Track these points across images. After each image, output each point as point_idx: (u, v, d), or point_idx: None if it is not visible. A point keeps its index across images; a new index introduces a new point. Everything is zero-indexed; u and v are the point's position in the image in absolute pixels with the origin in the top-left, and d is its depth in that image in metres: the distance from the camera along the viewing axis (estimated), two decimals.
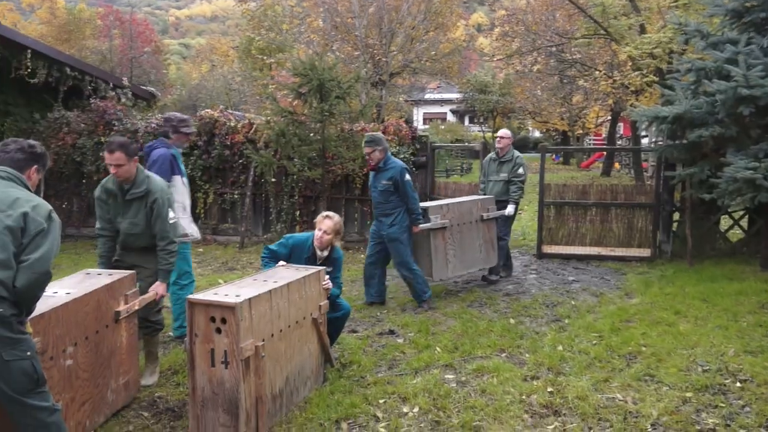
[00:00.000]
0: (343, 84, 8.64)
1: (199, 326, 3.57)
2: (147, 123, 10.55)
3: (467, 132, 43.43)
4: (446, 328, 5.62)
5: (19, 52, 9.88)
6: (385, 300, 6.52)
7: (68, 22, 29.93)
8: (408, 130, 9.78)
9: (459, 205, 6.82)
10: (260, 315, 3.62)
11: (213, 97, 25.18)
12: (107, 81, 11.67)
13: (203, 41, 59.10)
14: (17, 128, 10.90)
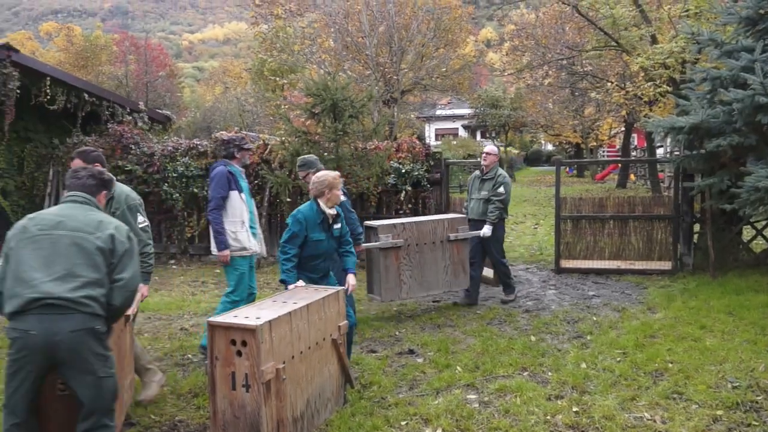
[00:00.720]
0: (356, 103, 8.66)
1: (220, 349, 3.54)
2: (163, 146, 10.63)
3: (479, 147, 43.40)
4: (466, 347, 5.54)
5: (39, 80, 10.04)
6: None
7: (85, 48, 30.47)
8: (422, 147, 9.77)
9: (419, 225, 6.55)
10: (280, 337, 3.59)
11: (227, 119, 25.40)
12: (124, 106, 11.82)
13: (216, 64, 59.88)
14: (37, 154, 11.05)
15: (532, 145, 54.41)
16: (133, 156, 10.52)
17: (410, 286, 6.55)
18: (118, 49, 32.74)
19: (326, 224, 4.57)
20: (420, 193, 9.64)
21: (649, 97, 14.07)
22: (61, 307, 2.83)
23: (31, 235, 2.96)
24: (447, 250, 6.77)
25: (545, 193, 24.04)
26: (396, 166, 9.52)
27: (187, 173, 10.22)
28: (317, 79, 9.12)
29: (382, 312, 6.87)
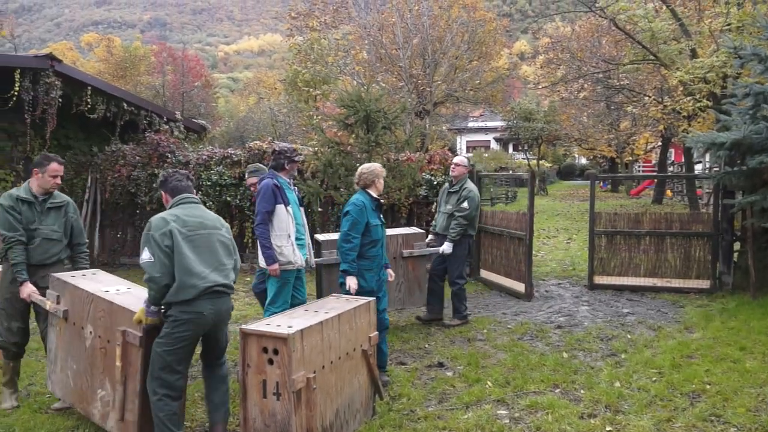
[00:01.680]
0: (389, 114, 8.72)
1: (252, 357, 3.59)
2: (198, 155, 10.85)
3: (511, 160, 43.17)
4: (496, 362, 5.50)
5: (80, 89, 10.36)
6: None
7: (124, 59, 31.32)
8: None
9: (391, 237, 6.22)
10: (312, 346, 3.62)
11: (260, 129, 25.78)
12: (161, 115, 12.12)
13: (250, 75, 60.88)
14: (77, 161, 11.38)
15: (565, 159, 53.88)
16: (168, 164, 10.75)
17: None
18: (156, 59, 33.57)
19: (380, 210, 4.88)
20: None
21: (688, 112, 13.82)
22: (222, 292, 3.72)
23: (185, 236, 3.62)
24: (401, 267, 6.46)
25: (578, 207, 23.74)
26: (428, 177, 9.53)
27: (220, 182, 10.40)
28: (351, 90, 9.22)
29: (412, 323, 6.86)
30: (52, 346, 4.38)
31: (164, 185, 3.93)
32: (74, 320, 4.19)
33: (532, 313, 7.42)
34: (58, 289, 4.34)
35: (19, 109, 9.57)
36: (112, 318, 3.86)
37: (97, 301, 3.99)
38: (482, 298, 8.36)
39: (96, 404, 3.96)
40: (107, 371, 3.88)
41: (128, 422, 3.73)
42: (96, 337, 3.99)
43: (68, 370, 4.22)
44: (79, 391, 4.12)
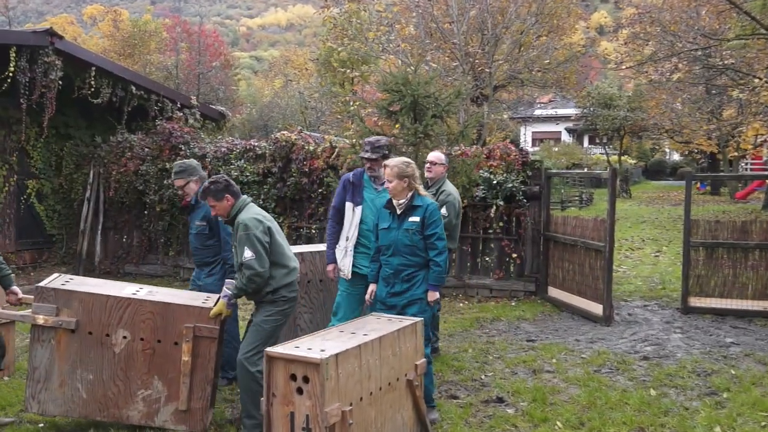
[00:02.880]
0: (441, 101, 8.70)
1: (278, 384, 3.65)
2: (216, 147, 11.07)
3: (586, 155, 42.58)
4: (568, 398, 5.44)
5: (83, 70, 10.70)
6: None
7: (132, 35, 32.16)
8: (518, 154, 9.70)
9: (323, 256, 5.95)
10: (348, 374, 3.65)
11: (286, 117, 26.10)
12: (174, 100, 12.41)
13: (277, 53, 61.77)
14: (77, 153, 11.76)
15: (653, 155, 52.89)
16: (182, 158, 10.98)
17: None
18: (168, 35, 34.35)
19: (396, 214, 4.96)
20: (514, 209, 9.55)
21: None
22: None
23: (276, 230, 4.72)
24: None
25: (669, 213, 23.27)
26: (486, 176, 9.49)
27: (241, 179, 10.57)
28: (395, 71, 9.26)
29: (465, 350, 6.84)
30: (41, 362, 4.61)
31: (229, 189, 4.78)
32: (90, 329, 4.60)
33: (612, 340, 7.31)
34: (56, 301, 4.52)
35: (14, 92, 9.93)
36: (167, 318, 4.65)
37: (139, 305, 4.63)
38: (551, 321, 8.28)
39: (135, 406, 4.66)
40: (154, 370, 4.65)
41: (195, 410, 4.67)
42: (135, 341, 4.64)
43: (78, 383, 4.61)
44: (102, 400, 4.65)
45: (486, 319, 8.29)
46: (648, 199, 30.86)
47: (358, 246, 5.54)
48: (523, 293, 9.53)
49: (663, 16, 19.62)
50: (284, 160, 10.61)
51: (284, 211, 10.72)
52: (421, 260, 4.86)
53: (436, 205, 4.91)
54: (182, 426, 4.69)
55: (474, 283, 9.72)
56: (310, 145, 10.58)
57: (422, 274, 4.87)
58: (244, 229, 4.55)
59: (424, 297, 4.84)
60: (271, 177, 10.62)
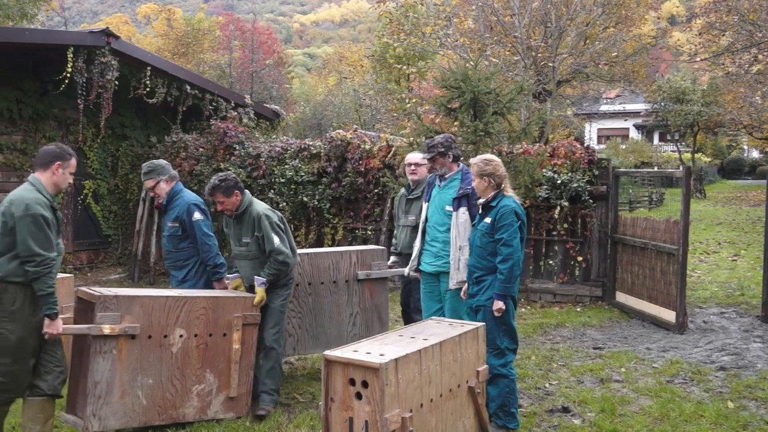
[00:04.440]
0: (503, 97, 8.66)
1: (336, 389, 3.69)
2: (271, 146, 11.25)
3: (656, 153, 41.65)
4: (638, 409, 5.37)
5: (139, 70, 11.03)
6: None
7: (186, 33, 32.89)
8: (583, 152, 9.57)
9: (313, 258, 6.04)
10: (408, 380, 3.67)
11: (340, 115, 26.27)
12: (228, 99, 12.66)
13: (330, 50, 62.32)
14: (133, 153, 12.13)
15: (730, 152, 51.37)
16: (236, 158, 11.22)
17: (299, 340, 5.99)
18: (222, 33, 35.01)
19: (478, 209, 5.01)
20: (579, 210, 9.43)
21: None
22: None
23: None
24: (355, 294, 6.24)
25: (747, 214, 22.59)
26: (550, 175, 9.39)
27: (296, 178, 10.73)
28: (454, 67, 9.24)
29: (528, 357, 6.79)
30: (102, 376, 4.59)
31: (238, 186, 5.24)
32: (150, 333, 4.75)
33: (686, 349, 7.17)
34: (119, 308, 4.61)
35: (72, 93, 10.31)
36: (218, 311, 5.03)
37: (194, 302, 4.94)
38: (619, 328, 8.16)
39: (191, 402, 4.93)
40: (207, 364, 4.99)
41: (241, 396, 5.12)
42: (190, 338, 4.93)
43: (139, 390, 4.73)
44: (161, 403, 4.82)
45: (549, 325, 8.21)
46: (724, 200, 29.99)
47: (425, 243, 5.67)
48: (588, 298, 9.39)
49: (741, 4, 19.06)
50: (339, 160, 10.71)
51: (339, 212, 10.82)
52: (490, 265, 4.80)
53: (509, 208, 4.78)
54: (230, 413, 5.11)
55: (536, 287, 9.63)
56: (366, 144, 10.66)
57: (490, 279, 4.79)
58: (267, 219, 5.16)
59: (489, 305, 4.76)
60: (326, 177, 10.73)
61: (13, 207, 4.15)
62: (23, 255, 4.10)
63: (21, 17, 19.71)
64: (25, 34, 10.21)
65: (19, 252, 4.11)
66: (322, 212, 10.76)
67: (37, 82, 10.75)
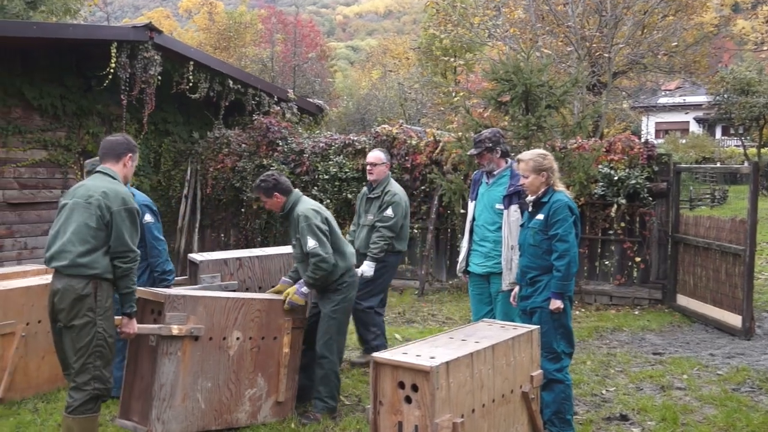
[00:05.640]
0: (557, 90, 8.58)
1: (385, 392, 3.70)
2: (314, 142, 11.32)
3: (719, 147, 40.71)
4: (702, 419, 5.26)
5: (181, 65, 11.19)
6: None
7: (228, 27, 33.33)
8: (642, 147, 9.41)
9: (263, 260, 5.90)
10: (459, 384, 3.66)
11: (384, 109, 26.30)
12: (271, 94, 12.77)
13: (374, 42, 62.37)
14: (175, 149, 12.32)
15: None
16: (279, 154, 11.32)
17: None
18: (264, 26, 35.37)
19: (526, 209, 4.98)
20: (637, 208, 9.28)
21: None
22: None
23: (331, 219, 5.32)
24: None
25: None
26: (606, 171, 9.25)
27: (340, 175, 10.78)
28: (505, 59, 9.19)
29: (583, 362, 6.71)
30: (168, 378, 4.61)
31: (277, 188, 5.26)
32: (211, 335, 4.79)
33: (753, 356, 7.01)
34: (185, 308, 4.64)
35: (114, 89, 10.52)
36: (270, 315, 5.09)
37: (250, 304, 5.00)
38: (680, 332, 8.02)
39: (244, 407, 5.00)
40: (259, 368, 5.05)
41: (287, 400, 5.22)
42: (245, 340, 4.98)
43: (198, 393, 4.75)
44: (217, 407, 4.88)
45: (606, 329, 8.10)
46: None
47: (473, 243, 5.64)
48: (647, 301, 9.23)
49: None
50: None
51: None
52: (545, 264, 4.72)
53: (563, 202, 4.71)
54: (278, 417, 5.20)
55: (591, 289, 9.49)
56: (412, 140, 10.65)
57: (546, 279, 4.72)
58: (305, 220, 5.12)
59: (546, 306, 4.69)
60: None
61: (109, 200, 4.15)
62: (117, 250, 4.13)
63: (64, 13, 20.19)
64: (69, 29, 10.45)
65: (113, 247, 4.13)
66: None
67: (81, 78, 10.99)
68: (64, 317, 4.07)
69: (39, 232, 10.08)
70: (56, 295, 4.09)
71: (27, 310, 5.48)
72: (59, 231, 4.18)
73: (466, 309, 8.58)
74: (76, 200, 4.18)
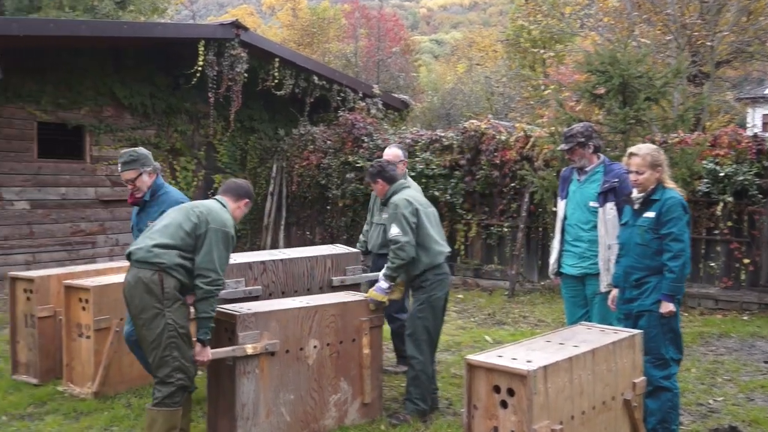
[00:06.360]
0: (656, 81, 8.33)
1: (480, 396, 3.66)
2: (400, 138, 11.33)
3: None
4: None
5: (267, 62, 11.44)
6: None
7: (311, 23, 33.83)
8: (751, 141, 9.01)
9: (287, 264, 5.71)
10: (558, 389, 3.59)
11: (470, 104, 26.15)
12: (356, 90, 12.89)
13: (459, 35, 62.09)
14: (261, 146, 12.60)
15: None
16: (365, 150, 11.39)
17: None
18: (347, 22, 35.75)
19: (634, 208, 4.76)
20: (746, 207, 8.90)
21: None
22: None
23: (424, 212, 5.29)
24: None
25: None
26: (711, 167, 8.91)
27: (427, 172, 10.77)
28: (601, 50, 8.98)
29: (687, 369, 6.47)
30: (249, 396, 4.64)
31: (381, 174, 5.47)
32: (287, 347, 4.78)
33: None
34: (257, 325, 4.64)
35: (202, 86, 10.83)
36: (345, 317, 5.09)
37: (324, 310, 4.98)
38: None
39: (330, 413, 5.05)
40: (340, 372, 5.08)
41: (373, 401, 5.24)
42: (323, 347, 4.99)
43: (282, 407, 4.79)
44: (302, 418, 4.91)
45: (711, 335, 7.80)
46: None
47: (565, 243, 5.50)
48: (757, 306, 8.83)
49: None
50: (473, 152, 10.64)
51: (473, 207, 10.76)
52: (655, 264, 4.54)
53: (676, 200, 4.55)
54: (366, 419, 5.22)
55: (695, 292, 9.15)
56: (501, 135, 10.53)
57: (654, 281, 4.53)
58: (394, 208, 5.24)
59: (655, 309, 4.51)
60: (459, 170, 10.70)
61: (211, 217, 4.29)
62: (202, 267, 4.20)
63: (152, 12, 20.92)
64: (159, 28, 10.86)
65: (198, 263, 4.21)
66: (455, 207, 10.73)
67: (169, 77, 11.37)
68: (134, 310, 4.20)
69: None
70: (126, 288, 4.23)
71: (121, 306, 5.62)
72: (150, 227, 4.39)
73: (559, 311, 8.44)
74: (187, 206, 4.40)
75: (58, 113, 10.23)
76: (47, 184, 10.18)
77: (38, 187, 10.09)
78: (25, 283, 6.13)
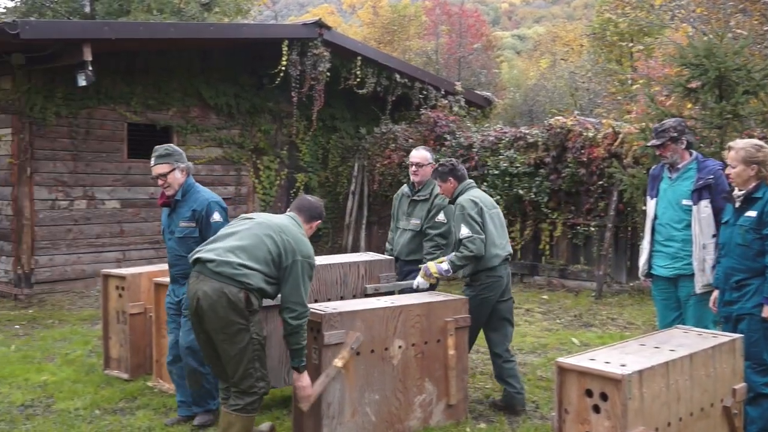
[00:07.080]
0: (756, 73, 8.03)
1: (571, 400, 3.61)
2: (483, 136, 11.26)
3: None
4: None
5: (349, 61, 11.56)
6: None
7: (392, 21, 33.96)
8: None
9: (319, 271, 5.45)
10: (653, 395, 3.50)
11: (553, 100, 25.74)
12: (438, 87, 12.88)
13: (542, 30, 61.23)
14: (343, 145, 12.73)
15: None
16: (447, 148, 11.37)
17: (289, 369, 5.27)
18: (428, 19, 35.73)
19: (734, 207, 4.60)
20: None
21: None
22: (509, 260, 5.57)
23: (488, 213, 5.34)
24: None
25: None
26: None
27: (511, 170, 10.67)
28: (696, 42, 8.72)
29: None
30: (334, 396, 4.69)
31: (453, 173, 5.52)
32: (372, 347, 4.80)
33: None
34: (343, 325, 4.67)
35: (285, 86, 11.02)
36: (430, 318, 5.07)
37: (409, 310, 4.98)
38: None
39: (415, 414, 5.06)
40: (425, 373, 5.07)
41: (459, 402, 5.23)
42: (408, 348, 4.98)
43: (367, 407, 4.82)
44: (387, 418, 4.92)
45: None
46: None
47: (655, 244, 5.33)
48: None
49: None
50: (559, 149, 10.49)
51: (558, 206, 10.62)
52: (756, 265, 4.38)
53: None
54: (452, 420, 5.22)
55: None
56: (588, 132, 10.34)
57: (756, 283, 4.37)
58: (461, 209, 5.29)
59: (756, 313, 4.35)
60: (544, 168, 10.57)
61: (297, 247, 4.28)
62: (290, 300, 4.22)
63: (236, 13, 21.41)
64: (243, 29, 11.13)
65: (285, 296, 4.24)
66: (539, 206, 10.60)
67: (253, 77, 11.62)
68: (214, 323, 4.15)
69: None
70: (204, 299, 4.12)
71: None
72: (232, 234, 4.31)
73: (649, 313, 8.23)
74: (268, 224, 4.32)
75: (148, 114, 10.61)
76: (137, 184, 10.56)
77: (128, 187, 10.48)
78: (117, 281, 6.33)
